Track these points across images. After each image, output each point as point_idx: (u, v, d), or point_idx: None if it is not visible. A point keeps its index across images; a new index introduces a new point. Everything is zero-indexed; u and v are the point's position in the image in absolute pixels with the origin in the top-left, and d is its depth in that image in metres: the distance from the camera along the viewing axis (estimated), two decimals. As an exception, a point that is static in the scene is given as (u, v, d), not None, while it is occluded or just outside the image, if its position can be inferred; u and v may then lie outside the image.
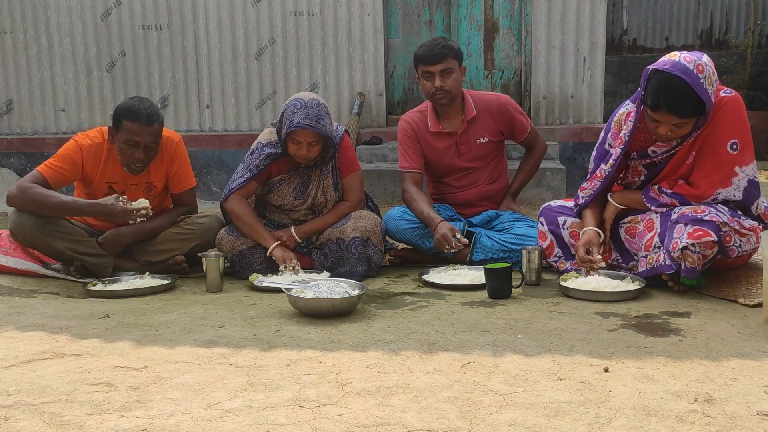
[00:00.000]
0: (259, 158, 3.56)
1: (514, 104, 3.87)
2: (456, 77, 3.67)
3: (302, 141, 3.39)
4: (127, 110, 3.43)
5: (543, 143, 4.01)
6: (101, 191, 3.58)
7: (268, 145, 3.57)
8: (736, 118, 2.92)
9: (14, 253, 3.61)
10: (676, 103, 2.78)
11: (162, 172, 3.68)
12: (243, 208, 3.54)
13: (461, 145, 3.77)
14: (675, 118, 2.82)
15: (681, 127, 2.86)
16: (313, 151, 3.44)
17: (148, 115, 3.43)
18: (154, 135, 3.47)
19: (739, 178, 2.91)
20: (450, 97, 3.68)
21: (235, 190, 3.56)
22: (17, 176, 7.11)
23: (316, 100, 3.43)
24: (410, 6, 6.99)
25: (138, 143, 3.44)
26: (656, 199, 3.05)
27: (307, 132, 3.36)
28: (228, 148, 6.90)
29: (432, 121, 3.78)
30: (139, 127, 3.41)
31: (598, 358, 2.21)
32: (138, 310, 2.95)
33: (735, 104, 2.93)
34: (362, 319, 2.73)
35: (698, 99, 2.78)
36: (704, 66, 2.80)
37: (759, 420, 1.74)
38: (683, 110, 2.80)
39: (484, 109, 3.76)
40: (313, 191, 3.61)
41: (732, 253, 2.85)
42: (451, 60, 3.64)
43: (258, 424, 1.76)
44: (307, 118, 3.34)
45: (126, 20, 6.95)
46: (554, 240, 3.40)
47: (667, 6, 9.79)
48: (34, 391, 2.01)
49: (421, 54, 3.67)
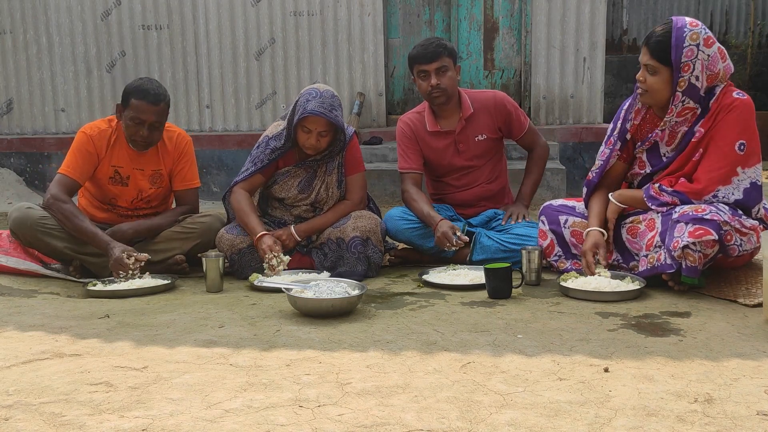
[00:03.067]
0: (264, 152, 3.58)
1: (511, 101, 3.86)
2: (451, 75, 3.67)
3: (313, 129, 3.40)
4: (136, 89, 3.54)
5: (543, 144, 3.97)
6: (107, 175, 3.65)
7: (273, 138, 3.59)
8: (746, 120, 2.94)
9: (14, 253, 3.61)
10: (650, 37, 2.98)
11: (169, 163, 3.75)
12: (242, 197, 3.56)
13: (460, 143, 3.77)
14: (647, 54, 2.98)
15: (651, 73, 2.98)
16: (322, 142, 3.45)
17: (156, 95, 3.53)
18: (159, 114, 3.56)
19: (740, 179, 2.92)
20: (446, 95, 3.68)
21: (239, 182, 3.60)
22: (17, 176, 7.12)
23: (331, 91, 3.46)
24: (410, 6, 6.99)
25: (144, 121, 3.53)
26: (657, 198, 3.05)
27: (319, 120, 3.37)
28: (228, 148, 6.90)
29: (430, 121, 3.78)
30: (146, 106, 3.50)
31: (598, 358, 2.21)
32: (138, 310, 2.95)
33: (747, 106, 2.96)
34: (362, 319, 2.73)
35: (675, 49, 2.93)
36: (702, 37, 2.92)
37: (759, 420, 1.74)
38: (653, 48, 2.95)
39: (481, 107, 3.77)
40: (317, 187, 3.62)
41: (733, 252, 2.85)
42: (446, 58, 3.64)
43: (258, 424, 1.76)
44: (321, 106, 3.36)
45: (126, 20, 6.95)
46: (555, 239, 3.41)
47: (667, 6, 9.79)
48: (34, 391, 2.01)
49: (416, 53, 3.67)
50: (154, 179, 3.73)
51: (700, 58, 2.92)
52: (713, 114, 2.97)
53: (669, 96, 3.01)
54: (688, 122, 3.04)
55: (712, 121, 2.97)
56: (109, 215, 3.70)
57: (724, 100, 2.95)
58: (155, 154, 3.70)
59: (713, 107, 2.97)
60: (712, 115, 2.97)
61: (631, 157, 3.30)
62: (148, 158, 3.69)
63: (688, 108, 3.00)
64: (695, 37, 2.91)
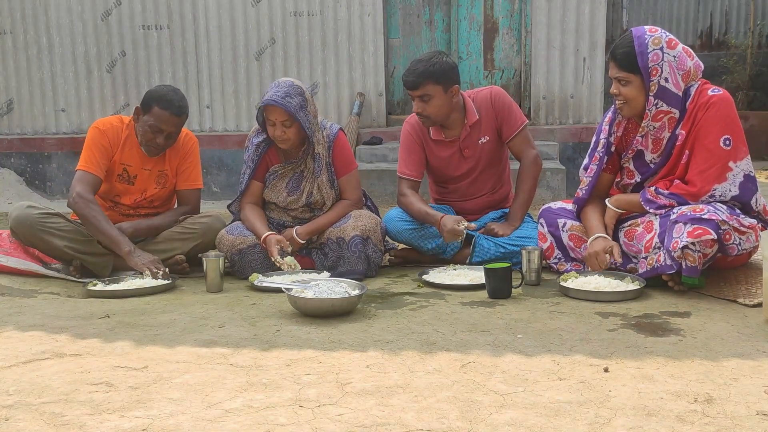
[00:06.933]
0: (251, 150, 3.65)
1: (508, 96, 3.73)
2: (437, 103, 3.48)
3: (275, 120, 3.43)
4: (160, 97, 3.54)
5: (534, 157, 3.69)
6: (115, 172, 3.66)
7: (255, 136, 3.67)
8: (726, 115, 2.95)
9: (14, 253, 3.61)
10: (615, 51, 3.05)
11: (175, 163, 3.77)
12: (248, 211, 3.63)
13: (465, 149, 3.68)
14: (615, 68, 3.05)
15: (624, 84, 3.04)
16: (288, 132, 3.45)
17: (179, 107, 3.57)
18: (178, 126, 3.62)
19: (734, 173, 2.92)
20: (431, 121, 3.58)
21: (241, 199, 3.67)
22: (17, 176, 7.12)
23: (290, 81, 3.48)
24: (410, 6, 7.00)
25: (162, 131, 3.56)
26: (654, 201, 3.06)
27: (276, 109, 3.39)
28: (228, 148, 6.91)
29: (433, 130, 3.68)
30: (168, 117, 3.54)
31: (598, 358, 2.21)
32: (138, 310, 2.95)
33: (724, 102, 2.97)
34: (362, 319, 2.73)
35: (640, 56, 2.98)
36: (663, 40, 3.00)
37: (759, 420, 1.74)
38: (620, 60, 3.02)
39: (484, 109, 3.67)
40: (306, 188, 3.62)
41: (732, 251, 2.86)
42: (430, 86, 3.44)
43: (258, 424, 1.76)
44: (276, 95, 3.39)
45: (126, 20, 6.96)
46: (554, 242, 3.41)
47: (667, 6, 9.80)
48: (34, 391, 2.01)
49: (403, 75, 3.53)
50: (159, 179, 3.74)
51: (666, 60, 2.97)
52: (691, 114, 2.99)
53: (645, 103, 3.05)
54: (668, 127, 3.05)
55: (691, 121, 2.99)
56: (111, 213, 3.70)
57: (700, 99, 2.98)
58: (163, 154, 3.72)
59: (690, 108, 3.00)
60: (691, 116, 2.99)
61: (616, 168, 3.33)
62: (156, 158, 3.70)
63: (663, 111, 3.03)
64: (657, 42, 2.98)
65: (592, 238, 3.18)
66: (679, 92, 3.00)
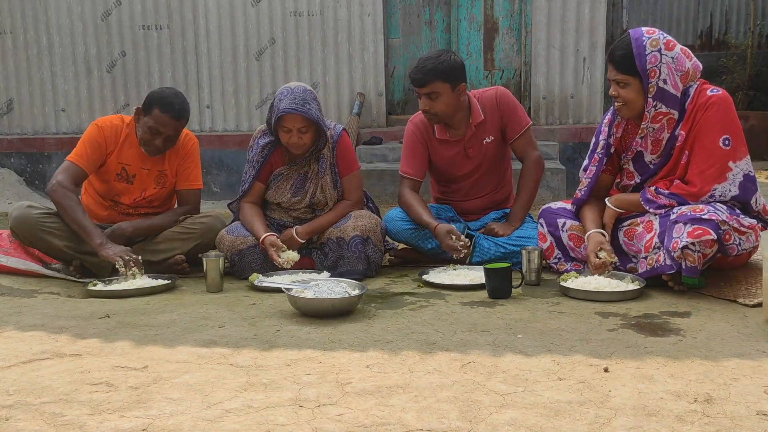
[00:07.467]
0: (256, 151, 3.62)
1: (513, 97, 3.74)
2: (445, 101, 3.50)
3: (292, 128, 3.41)
4: (161, 99, 3.54)
5: (536, 158, 3.71)
6: (114, 171, 3.67)
7: (260, 137, 3.64)
8: (725, 115, 2.96)
9: (14, 253, 3.61)
10: (613, 53, 3.05)
11: (174, 163, 3.76)
12: (247, 210, 3.62)
13: (470, 148, 3.68)
14: (613, 70, 3.06)
15: (622, 87, 3.05)
16: (304, 138, 3.45)
17: (180, 111, 3.57)
18: (177, 129, 3.62)
19: (734, 173, 2.93)
20: (438, 119, 3.59)
21: (242, 198, 3.65)
22: (17, 176, 7.12)
23: (303, 86, 3.47)
24: (410, 6, 7.00)
25: (161, 133, 3.56)
26: (654, 200, 3.06)
27: (295, 117, 3.38)
28: (228, 148, 6.91)
29: (438, 129, 3.68)
30: (168, 120, 3.54)
31: (597, 358, 2.21)
32: (138, 310, 2.95)
33: (723, 102, 2.98)
34: (362, 319, 2.73)
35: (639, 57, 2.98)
36: (661, 42, 2.99)
37: (759, 420, 1.74)
38: (619, 62, 3.03)
39: (489, 109, 3.67)
40: (310, 189, 3.62)
41: (732, 252, 2.86)
42: (438, 83, 3.45)
43: (258, 424, 1.76)
44: (293, 102, 3.37)
45: (126, 20, 6.96)
46: (554, 242, 3.41)
47: (667, 6, 9.80)
48: (34, 391, 2.01)
49: (411, 73, 3.55)
50: (158, 179, 3.74)
51: (664, 62, 2.97)
52: (690, 115, 2.99)
53: (644, 104, 3.05)
54: (668, 128, 3.06)
55: (691, 122, 2.99)
56: (110, 213, 3.71)
57: (699, 99, 2.98)
58: (162, 154, 3.71)
59: (689, 108, 3.00)
60: (690, 116, 3.00)
61: (616, 169, 3.33)
62: (155, 158, 3.70)
63: (662, 113, 3.03)
64: (655, 44, 2.98)
65: (586, 236, 3.20)
66: (677, 93, 3.00)
